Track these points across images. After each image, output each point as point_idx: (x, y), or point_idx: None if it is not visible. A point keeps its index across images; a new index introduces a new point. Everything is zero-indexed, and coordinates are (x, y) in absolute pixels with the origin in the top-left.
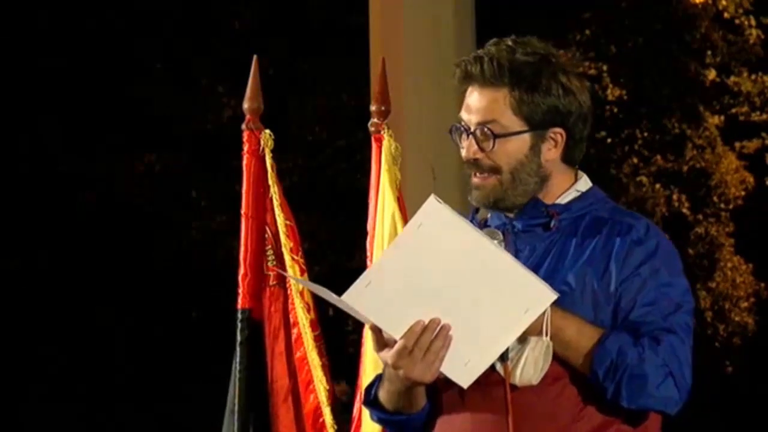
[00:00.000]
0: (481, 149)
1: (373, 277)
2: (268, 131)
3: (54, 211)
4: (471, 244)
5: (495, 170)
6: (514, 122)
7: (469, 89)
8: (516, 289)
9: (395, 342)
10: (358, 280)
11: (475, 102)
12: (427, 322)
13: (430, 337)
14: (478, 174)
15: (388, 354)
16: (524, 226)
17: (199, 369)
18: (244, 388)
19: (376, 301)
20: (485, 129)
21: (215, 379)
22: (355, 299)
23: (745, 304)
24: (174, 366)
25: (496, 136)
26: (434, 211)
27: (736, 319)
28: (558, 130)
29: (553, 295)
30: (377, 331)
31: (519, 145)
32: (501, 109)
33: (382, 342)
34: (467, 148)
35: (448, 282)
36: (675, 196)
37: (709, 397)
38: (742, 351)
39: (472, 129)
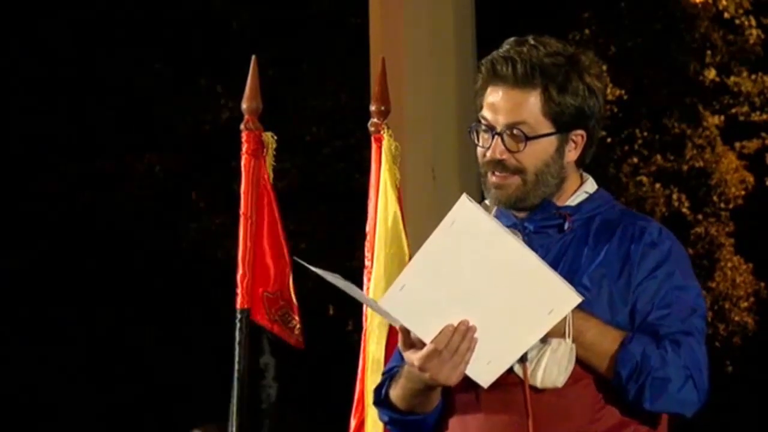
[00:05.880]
0: (509, 150)
1: (407, 281)
2: (269, 133)
3: (54, 211)
4: (499, 243)
5: (519, 171)
6: (542, 124)
7: (492, 88)
8: (541, 290)
9: (421, 343)
10: (394, 284)
11: (502, 102)
12: (455, 323)
13: (459, 340)
14: (497, 173)
15: (416, 356)
16: (536, 227)
17: (198, 369)
18: (242, 388)
19: (409, 304)
20: (515, 130)
21: (215, 379)
22: (392, 305)
23: (745, 304)
24: (173, 366)
25: (527, 138)
26: (466, 210)
27: (736, 318)
28: (580, 131)
29: (578, 298)
30: (405, 331)
31: (546, 146)
32: (530, 111)
33: (409, 342)
34: (493, 148)
35: (475, 281)
36: (675, 196)
37: (709, 397)
38: (742, 351)
39: (500, 129)
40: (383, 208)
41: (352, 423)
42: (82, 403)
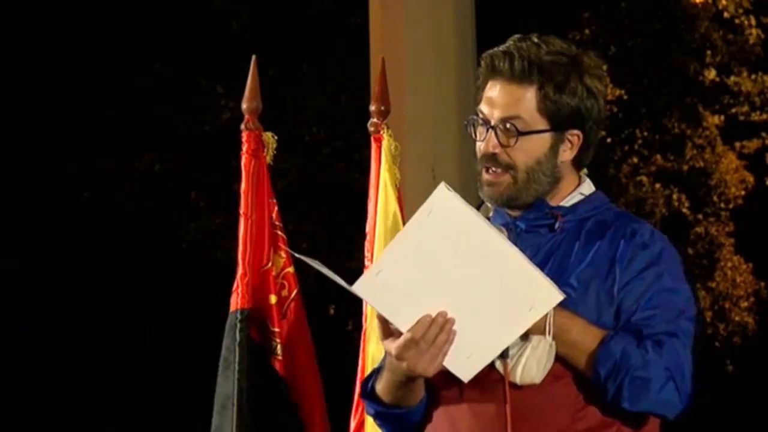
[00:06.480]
0: (501, 144)
1: (383, 266)
2: (269, 133)
3: (54, 211)
4: (480, 235)
5: (511, 167)
6: (537, 120)
7: (491, 83)
8: (522, 286)
9: (400, 332)
10: (369, 269)
11: (499, 97)
12: (434, 314)
13: (437, 331)
14: (491, 170)
15: (393, 344)
16: (528, 226)
17: (197, 369)
18: (242, 388)
19: (385, 290)
20: (508, 124)
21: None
22: (366, 289)
23: (745, 304)
24: (173, 366)
25: (519, 133)
26: (444, 198)
27: (736, 318)
28: (576, 132)
29: (559, 296)
30: (383, 321)
31: (539, 143)
32: (526, 107)
33: (387, 331)
34: (487, 141)
35: (454, 272)
36: (675, 196)
37: (709, 397)
38: (742, 351)
39: (494, 123)
40: (383, 208)
41: (352, 423)
42: (82, 403)
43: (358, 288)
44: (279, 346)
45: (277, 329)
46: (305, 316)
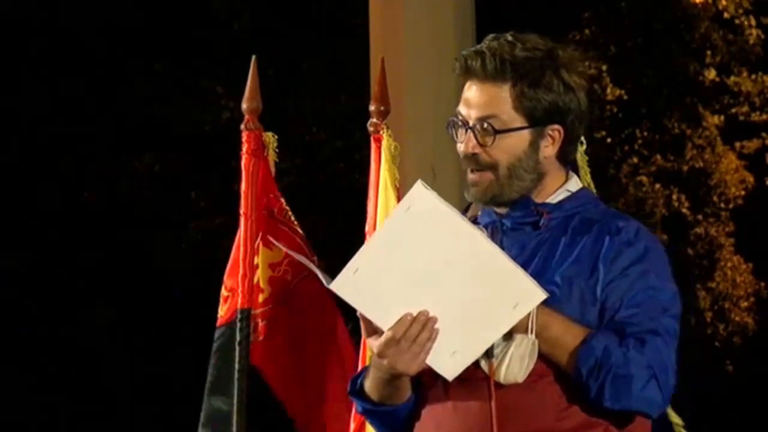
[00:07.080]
0: (480, 144)
1: (361, 264)
2: (270, 133)
3: (54, 211)
4: (459, 233)
5: (492, 166)
6: (514, 118)
7: (468, 84)
8: (505, 285)
9: (383, 330)
10: (346, 267)
11: (474, 97)
12: (415, 313)
13: (418, 329)
14: (474, 170)
15: (376, 342)
16: (513, 224)
17: (198, 369)
18: (243, 387)
19: (364, 288)
20: (485, 124)
21: None
22: (343, 288)
23: (745, 304)
24: (173, 366)
25: (496, 132)
26: (421, 196)
27: (736, 319)
28: (556, 127)
29: (542, 294)
30: (366, 319)
31: (518, 141)
32: (502, 105)
33: (371, 329)
34: (465, 142)
35: (435, 270)
36: (675, 196)
37: (709, 397)
38: (742, 351)
39: (471, 123)
40: (383, 207)
41: (352, 424)
42: (81, 403)
43: (336, 287)
44: (258, 326)
45: (254, 310)
46: (324, 298)
